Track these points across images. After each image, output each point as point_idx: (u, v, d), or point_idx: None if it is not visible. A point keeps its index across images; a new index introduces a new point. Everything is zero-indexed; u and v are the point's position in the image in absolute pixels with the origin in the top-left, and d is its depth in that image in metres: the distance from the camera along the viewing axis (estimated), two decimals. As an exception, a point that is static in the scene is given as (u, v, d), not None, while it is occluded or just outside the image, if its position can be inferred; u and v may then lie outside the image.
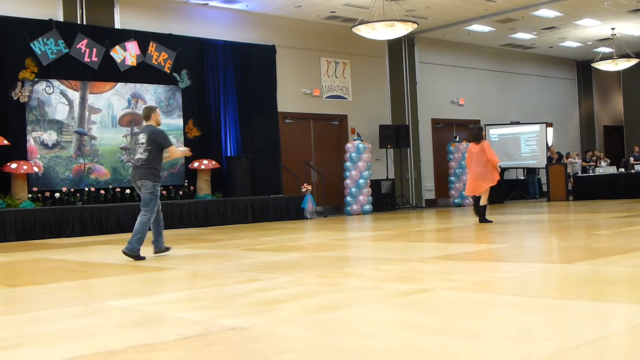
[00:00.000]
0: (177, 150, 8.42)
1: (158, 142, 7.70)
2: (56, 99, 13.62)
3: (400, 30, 14.54)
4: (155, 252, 7.81)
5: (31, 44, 13.18)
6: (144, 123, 7.97)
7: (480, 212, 11.23)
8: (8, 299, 5.32)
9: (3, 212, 11.88)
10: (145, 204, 7.62)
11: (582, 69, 25.25)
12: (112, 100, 14.32)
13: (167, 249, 7.90)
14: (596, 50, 22.39)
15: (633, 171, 19.17)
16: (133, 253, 7.46)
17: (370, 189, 17.16)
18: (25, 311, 4.64)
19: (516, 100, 22.84)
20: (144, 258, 7.51)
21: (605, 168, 19.84)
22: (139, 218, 7.63)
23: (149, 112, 7.95)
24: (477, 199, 11.34)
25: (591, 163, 21.44)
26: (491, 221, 11.17)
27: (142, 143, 7.72)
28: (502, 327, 3.43)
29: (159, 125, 8.01)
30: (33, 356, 3.19)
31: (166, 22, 15.21)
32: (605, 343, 2.97)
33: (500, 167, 11.44)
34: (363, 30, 14.47)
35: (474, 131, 11.69)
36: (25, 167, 12.74)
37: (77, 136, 13.85)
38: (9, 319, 4.32)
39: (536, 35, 20.73)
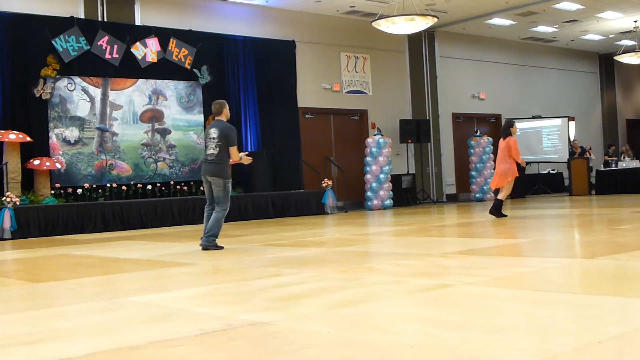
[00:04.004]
0: (238, 154, 7.89)
1: (228, 138, 7.67)
2: (78, 95, 13.73)
3: (420, 24, 14.47)
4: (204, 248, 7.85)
5: (53, 41, 13.29)
6: (216, 118, 7.90)
7: (494, 205, 11.16)
8: (31, 295, 5.37)
9: (26, 209, 12.00)
10: (219, 201, 7.70)
11: (604, 62, 25.00)
12: (133, 96, 14.41)
13: (221, 247, 7.85)
14: (618, 43, 22.17)
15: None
16: (211, 244, 7.69)
17: (390, 184, 17.13)
18: (49, 306, 4.68)
19: (538, 94, 22.66)
20: (222, 247, 7.75)
21: (628, 162, 19.62)
22: (214, 214, 7.70)
23: (220, 107, 7.87)
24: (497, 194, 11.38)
25: (614, 157, 21.22)
26: (505, 215, 11.17)
27: (214, 138, 7.69)
28: (524, 323, 3.41)
29: (228, 119, 7.97)
30: (56, 351, 3.22)
31: (186, 18, 15.28)
32: (628, 338, 2.94)
33: (526, 162, 11.40)
34: (383, 25, 14.42)
35: (503, 126, 11.70)
36: (47, 163, 12.86)
37: (99, 132, 13.95)
38: (32, 314, 4.36)
39: (557, 29, 20.55)
